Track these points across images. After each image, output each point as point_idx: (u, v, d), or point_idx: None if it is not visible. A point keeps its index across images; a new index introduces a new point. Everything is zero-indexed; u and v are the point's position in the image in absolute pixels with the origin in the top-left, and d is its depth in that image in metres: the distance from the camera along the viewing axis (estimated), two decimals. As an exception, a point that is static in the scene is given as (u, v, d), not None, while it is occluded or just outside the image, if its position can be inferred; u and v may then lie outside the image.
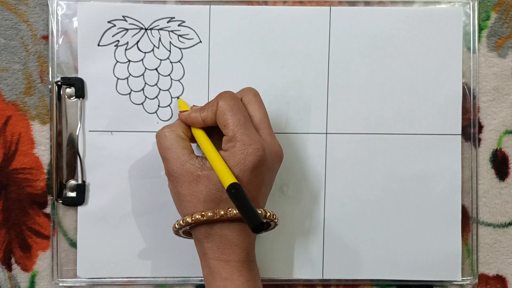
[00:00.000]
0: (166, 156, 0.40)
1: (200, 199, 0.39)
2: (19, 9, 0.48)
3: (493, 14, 0.49)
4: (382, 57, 0.48)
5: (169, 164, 0.40)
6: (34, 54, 0.48)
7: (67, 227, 0.48)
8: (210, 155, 0.39)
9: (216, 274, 0.39)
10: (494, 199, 0.49)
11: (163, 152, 0.41)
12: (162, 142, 0.41)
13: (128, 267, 0.47)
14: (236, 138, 0.39)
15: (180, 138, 0.41)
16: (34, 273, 0.48)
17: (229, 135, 0.39)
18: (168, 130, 0.41)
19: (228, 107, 0.39)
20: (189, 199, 0.39)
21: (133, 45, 0.47)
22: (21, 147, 0.48)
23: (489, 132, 0.49)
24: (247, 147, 0.38)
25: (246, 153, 0.38)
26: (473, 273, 0.49)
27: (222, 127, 0.40)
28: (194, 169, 0.39)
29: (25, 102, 0.48)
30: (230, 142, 0.39)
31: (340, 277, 0.48)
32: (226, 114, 0.39)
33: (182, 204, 0.40)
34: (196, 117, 0.41)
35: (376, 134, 0.48)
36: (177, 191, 0.40)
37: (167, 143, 0.40)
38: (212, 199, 0.39)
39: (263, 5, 0.48)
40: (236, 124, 0.39)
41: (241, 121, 0.39)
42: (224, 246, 0.39)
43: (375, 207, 0.48)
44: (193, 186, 0.39)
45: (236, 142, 0.39)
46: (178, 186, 0.40)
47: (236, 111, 0.39)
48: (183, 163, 0.39)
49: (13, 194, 0.48)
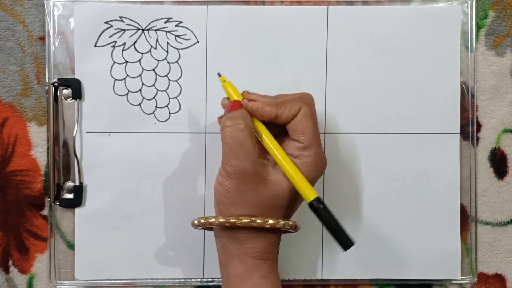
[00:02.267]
0: (237, 150, 0.37)
1: (254, 203, 0.38)
2: (15, 10, 0.47)
3: (491, 13, 0.49)
4: (380, 56, 0.48)
5: (237, 160, 0.37)
6: (30, 55, 0.48)
7: (64, 229, 0.48)
8: (285, 162, 0.38)
9: (254, 272, 0.39)
10: (493, 198, 0.49)
11: (235, 145, 0.37)
12: (235, 133, 0.37)
13: (126, 269, 0.47)
14: (311, 149, 0.38)
15: (253, 135, 0.38)
16: (32, 275, 0.48)
17: (305, 143, 0.38)
18: (243, 122, 0.38)
19: (310, 115, 0.38)
20: (251, 200, 0.37)
21: (130, 46, 0.47)
22: (18, 148, 0.48)
23: (487, 130, 0.49)
24: (320, 160, 0.38)
25: (317, 166, 0.38)
26: (472, 272, 0.49)
27: (299, 132, 0.38)
28: (262, 171, 0.38)
29: (22, 103, 0.48)
30: (304, 151, 0.38)
31: (339, 277, 0.48)
32: (308, 122, 0.38)
33: (237, 202, 0.38)
34: (271, 113, 0.38)
35: (375, 133, 0.48)
36: (238, 189, 0.37)
37: (241, 137, 0.37)
38: (270, 205, 0.38)
39: (260, 5, 0.48)
40: (315, 134, 0.38)
41: (318, 132, 0.39)
42: (269, 244, 0.39)
43: (374, 206, 0.48)
44: (257, 187, 0.37)
45: (311, 152, 0.38)
46: (240, 185, 0.37)
47: (315, 119, 0.39)
48: (254, 162, 0.37)
49: (11, 196, 0.47)
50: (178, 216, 0.47)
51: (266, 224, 0.37)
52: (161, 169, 0.47)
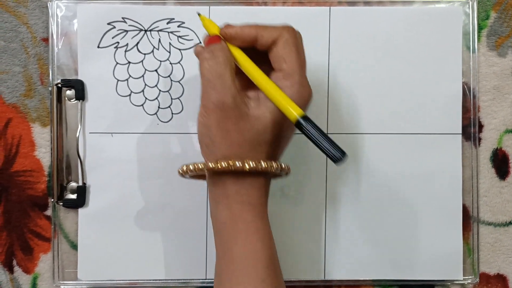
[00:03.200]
0: (215, 83, 0.35)
1: (238, 139, 0.35)
2: (19, 12, 0.48)
3: (493, 14, 0.49)
4: (382, 56, 0.48)
5: (216, 94, 0.35)
6: (34, 56, 0.48)
7: (68, 229, 0.48)
8: (268, 85, 0.35)
9: (239, 218, 0.36)
10: (494, 198, 0.49)
11: (212, 77, 0.35)
12: (212, 65, 0.35)
13: (129, 270, 0.47)
14: (294, 77, 0.35)
15: (232, 66, 0.36)
16: (35, 275, 0.48)
17: (287, 72, 0.36)
18: (221, 53, 0.36)
19: (293, 41, 0.36)
20: (226, 135, 0.35)
21: (133, 47, 0.47)
22: (21, 149, 0.48)
23: (489, 131, 0.49)
24: (303, 89, 0.36)
25: (302, 96, 0.36)
26: (474, 272, 0.49)
27: (280, 60, 0.36)
28: (243, 105, 0.35)
29: (26, 104, 0.48)
30: (285, 80, 0.36)
31: (342, 277, 0.48)
32: (291, 49, 0.36)
33: (214, 139, 0.36)
34: (250, 33, 0.36)
35: (377, 134, 0.48)
36: (219, 125, 0.35)
37: (219, 69, 0.35)
38: (253, 141, 0.36)
39: (262, 6, 0.48)
40: (299, 63, 0.36)
41: (301, 60, 0.36)
42: (252, 188, 0.37)
43: (376, 207, 0.48)
44: (238, 122, 0.35)
45: (294, 81, 0.35)
46: (221, 121, 0.35)
47: (299, 48, 0.36)
48: (234, 96, 0.35)
49: (14, 196, 0.48)
50: (180, 216, 0.47)
51: (245, 168, 0.35)
52: (164, 170, 0.47)
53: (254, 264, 0.36)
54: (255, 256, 0.36)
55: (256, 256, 0.36)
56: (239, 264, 0.36)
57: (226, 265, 0.37)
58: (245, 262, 0.36)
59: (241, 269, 0.36)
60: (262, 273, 0.36)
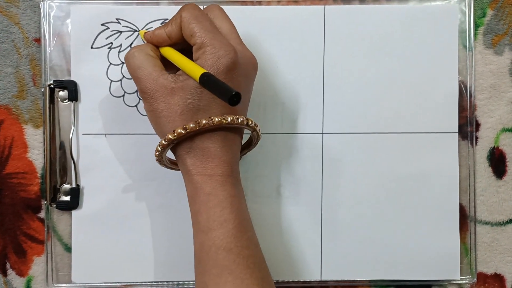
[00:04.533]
0: (138, 75, 0.39)
1: (177, 112, 0.38)
2: (10, 12, 0.47)
3: (489, 11, 0.49)
4: (377, 55, 0.48)
5: (141, 83, 0.39)
6: (26, 57, 0.47)
7: (61, 231, 0.47)
8: (179, 59, 0.38)
9: (199, 190, 0.38)
10: (491, 198, 0.49)
11: (134, 72, 0.39)
12: (131, 62, 0.39)
13: (124, 272, 0.47)
14: (205, 44, 0.38)
15: (149, 56, 0.40)
16: (29, 278, 0.48)
17: (198, 42, 0.38)
18: (136, 49, 0.40)
19: (192, 16, 0.38)
20: (166, 113, 0.38)
21: (126, 47, 0.47)
22: (14, 151, 0.47)
23: (486, 130, 0.49)
24: (217, 50, 0.37)
25: (218, 56, 0.37)
26: (471, 272, 0.49)
27: (189, 37, 0.38)
28: (167, 83, 0.38)
29: (18, 105, 0.47)
30: (199, 50, 0.38)
31: (338, 278, 0.48)
32: (192, 23, 0.38)
33: (159, 121, 0.39)
34: (161, 34, 0.40)
35: (373, 133, 0.48)
36: (153, 108, 0.39)
37: (137, 62, 0.39)
38: (189, 110, 0.38)
39: (257, 5, 0.48)
40: (203, 30, 0.38)
41: (208, 27, 0.38)
42: (206, 159, 0.38)
43: (373, 206, 0.48)
44: (169, 99, 0.38)
45: (205, 47, 0.37)
46: (154, 103, 0.38)
47: (201, 19, 0.38)
48: (156, 79, 0.38)
49: (7, 199, 0.47)
50: (175, 218, 0.47)
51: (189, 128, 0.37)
52: (158, 171, 0.47)
53: (219, 236, 0.37)
54: (220, 226, 0.37)
55: (221, 226, 0.37)
56: (206, 235, 0.38)
57: (196, 237, 0.39)
58: (212, 233, 0.37)
59: (208, 239, 0.37)
60: (229, 243, 0.37)
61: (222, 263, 0.37)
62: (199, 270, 0.38)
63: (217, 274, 0.37)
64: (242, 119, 0.39)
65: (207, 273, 0.37)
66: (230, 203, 0.38)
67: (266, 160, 0.48)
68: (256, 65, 0.41)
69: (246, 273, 0.37)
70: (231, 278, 0.36)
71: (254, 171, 0.48)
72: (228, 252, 0.37)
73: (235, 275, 0.37)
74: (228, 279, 0.36)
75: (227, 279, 0.36)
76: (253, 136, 0.42)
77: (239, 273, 0.37)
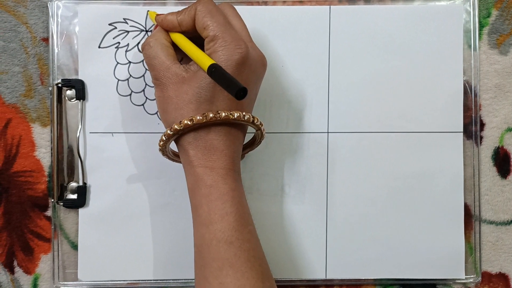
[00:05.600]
0: (152, 64, 0.40)
1: (185, 100, 0.38)
2: (18, 11, 0.48)
3: (494, 11, 0.49)
4: (382, 55, 0.48)
5: (155, 71, 0.40)
6: (34, 56, 0.48)
7: (68, 229, 0.48)
8: (190, 48, 0.39)
9: (200, 182, 0.38)
10: (496, 197, 0.49)
11: (149, 61, 0.40)
12: (147, 51, 0.40)
13: (130, 270, 0.47)
14: (217, 37, 0.38)
15: (164, 46, 0.41)
16: (36, 275, 0.48)
17: (210, 35, 0.38)
18: (152, 39, 0.41)
19: (206, 10, 0.39)
20: (175, 100, 0.39)
21: (133, 47, 0.47)
22: (21, 149, 0.48)
23: (491, 129, 0.49)
24: (229, 44, 0.38)
25: (229, 49, 0.38)
26: (476, 271, 0.49)
27: (202, 30, 0.39)
28: (179, 71, 0.39)
29: (25, 104, 0.48)
30: (211, 42, 0.38)
31: (343, 277, 0.48)
32: (206, 16, 0.39)
33: (167, 107, 0.39)
34: (173, 20, 0.41)
35: (378, 132, 0.48)
36: (163, 94, 0.39)
37: (152, 52, 0.40)
38: (197, 99, 0.38)
39: (262, 5, 0.48)
40: (217, 24, 0.38)
41: (221, 21, 0.39)
42: (209, 152, 0.39)
43: (378, 206, 0.48)
44: (179, 87, 0.39)
45: (217, 40, 0.38)
46: (164, 90, 0.39)
47: (215, 13, 0.39)
48: (169, 67, 0.39)
49: (14, 197, 0.48)
50: (181, 216, 0.47)
51: (195, 120, 0.37)
52: (165, 169, 0.47)
53: (221, 229, 0.37)
54: (222, 219, 0.38)
55: (223, 219, 0.38)
56: (207, 228, 0.38)
57: (197, 230, 0.39)
58: (213, 226, 0.38)
59: (209, 232, 0.38)
60: (230, 236, 0.37)
61: (223, 256, 0.37)
62: (199, 264, 0.38)
63: (218, 268, 0.37)
64: (248, 117, 0.39)
65: (208, 266, 0.37)
66: (232, 197, 0.38)
67: (271, 158, 0.48)
68: (265, 64, 0.41)
69: (247, 267, 0.37)
70: (232, 271, 0.37)
71: (259, 169, 0.48)
72: (229, 245, 0.37)
73: (236, 268, 0.37)
74: (229, 272, 0.37)
75: (228, 272, 0.37)
76: (257, 135, 0.42)
77: (240, 266, 0.37)
